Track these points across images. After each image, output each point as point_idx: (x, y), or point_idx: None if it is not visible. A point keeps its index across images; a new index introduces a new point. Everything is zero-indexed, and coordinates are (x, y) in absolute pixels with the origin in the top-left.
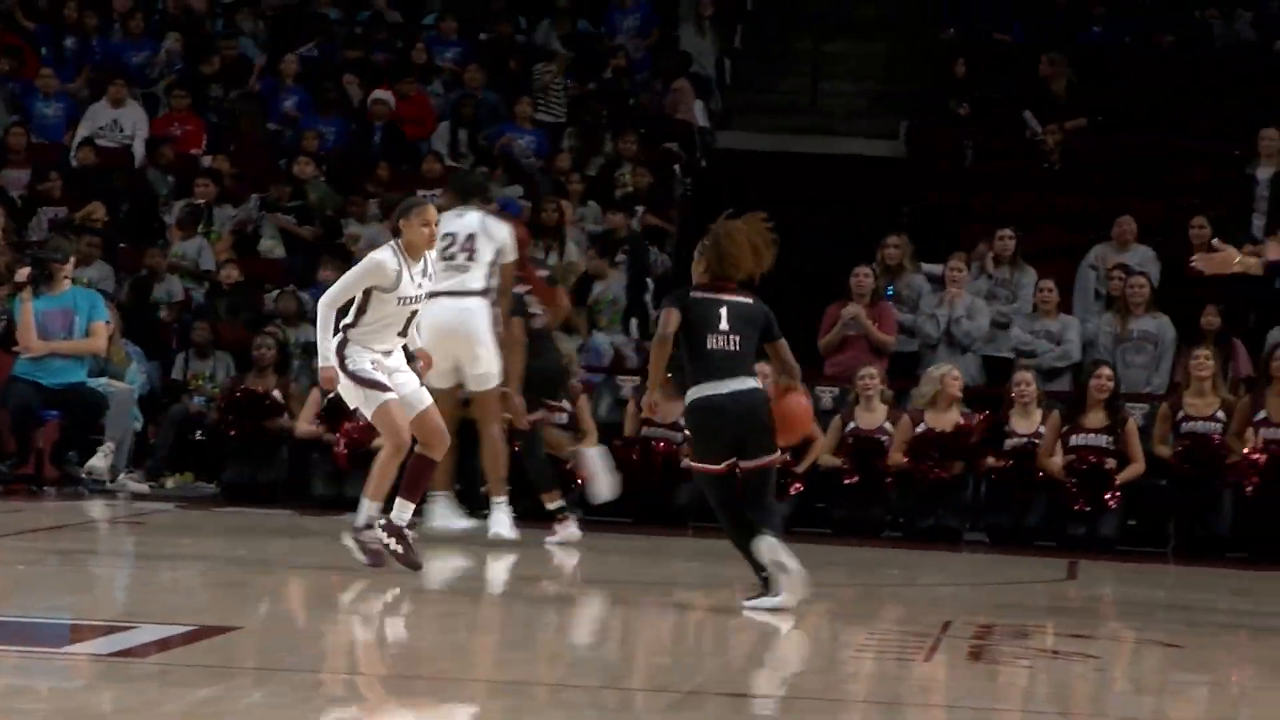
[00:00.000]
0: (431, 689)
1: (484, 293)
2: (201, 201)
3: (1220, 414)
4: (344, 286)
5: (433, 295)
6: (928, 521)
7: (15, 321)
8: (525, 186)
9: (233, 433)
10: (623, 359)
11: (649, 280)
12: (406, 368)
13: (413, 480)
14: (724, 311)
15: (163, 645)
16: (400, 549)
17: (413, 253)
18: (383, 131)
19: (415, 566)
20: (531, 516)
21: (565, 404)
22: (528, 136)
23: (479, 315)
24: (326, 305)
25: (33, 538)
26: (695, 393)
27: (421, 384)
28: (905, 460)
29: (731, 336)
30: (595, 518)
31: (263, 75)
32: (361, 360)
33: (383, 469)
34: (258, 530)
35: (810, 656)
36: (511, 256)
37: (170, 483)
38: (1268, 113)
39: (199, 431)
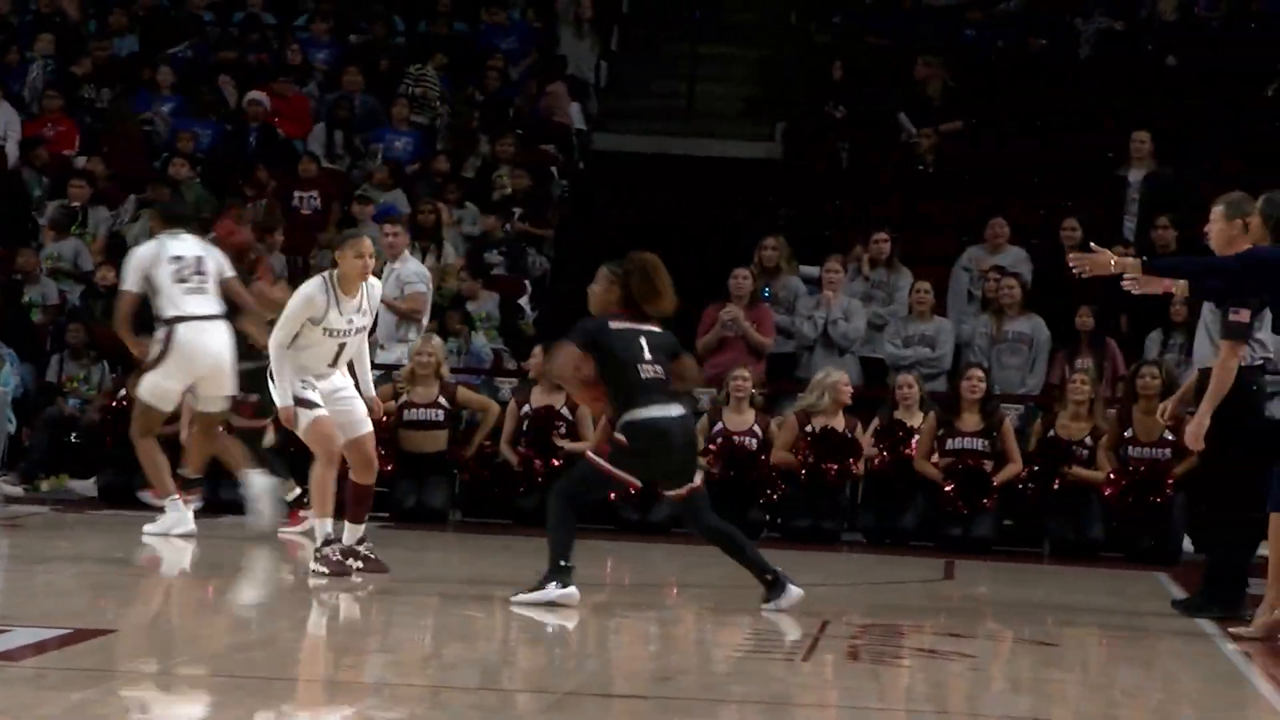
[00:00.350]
0: (310, 691)
1: (225, 315)
2: (76, 203)
3: (1089, 440)
4: (284, 325)
5: (181, 320)
6: (804, 522)
7: None
8: (405, 190)
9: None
10: (501, 361)
11: (526, 283)
12: (351, 391)
13: (354, 505)
14: (644, 342)
15: (38, 648)
16: (361, 564)
17: (346, 285)
18: (258, 133)
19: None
20: (419, 517)
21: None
22: (404, 138)
23: (229, 341)
24: (276, 346)
25: None
26: (641, 413)
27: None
28: (792, 459)
29: (655, 366)
30: (478, 519)
31: (137, 77)
32: (294, 381)
33: (319, 484)
34: (134, 533)
35: (689, 657)
36: (230, 273)
37: (45, 485)
38: (1139, 116)
39: (74, 434)
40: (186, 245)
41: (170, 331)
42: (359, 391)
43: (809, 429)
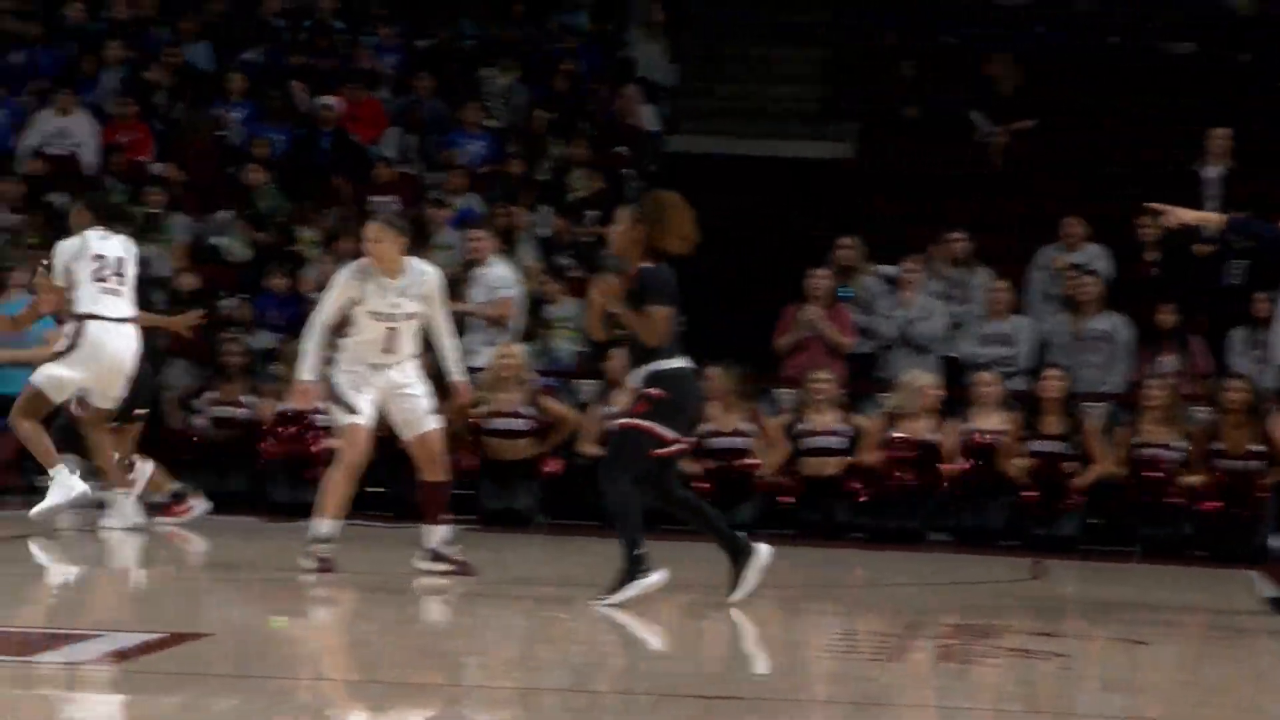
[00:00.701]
0: (399, 693)
1: (136, 319)
2: (156, 210)
3: (1176, 443)
4: (322, 302)
5: (92, 317)
6: (891, 522)
7: None
8: (479, 194)
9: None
10: (582, 364)
11: None
12: (415, 389)
13: (428, 508)
14: None
15: (134, 652)
16: (452, 567)
17: (383, 268)
18: (331, 138)
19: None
20: (505, 520)
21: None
22: (476, 142)
23: (134, 347)
24: (315, 321)
25: None
26: (675, 363)
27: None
28: (877, 461)
29: None
30: (564, 521)
31: (210, 84)
32: (342, 376)
33: (331, 485)
34: (225, 536)
35: (779, 657)
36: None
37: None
38: (1214, 112)
39: None
40: (110, 245)
41: (80, 327)
42: (446, 376)
43: (894, 435)
